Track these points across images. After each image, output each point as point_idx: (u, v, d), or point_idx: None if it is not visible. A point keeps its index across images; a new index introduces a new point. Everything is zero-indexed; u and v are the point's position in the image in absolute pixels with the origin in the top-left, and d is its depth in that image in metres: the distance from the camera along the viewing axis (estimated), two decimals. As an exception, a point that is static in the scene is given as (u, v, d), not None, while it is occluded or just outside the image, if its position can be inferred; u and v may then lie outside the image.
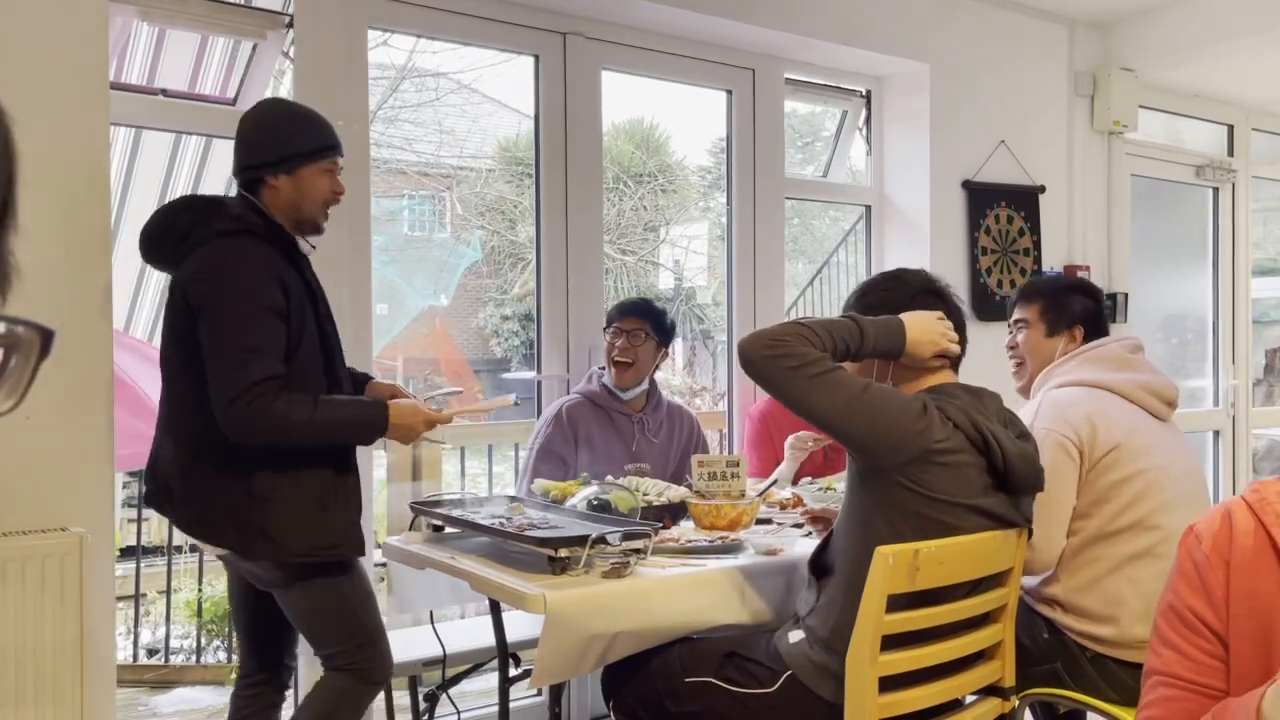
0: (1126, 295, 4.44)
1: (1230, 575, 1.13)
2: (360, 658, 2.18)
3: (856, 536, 1.92)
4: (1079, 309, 2.53)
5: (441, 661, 2.56)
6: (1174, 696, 1.14)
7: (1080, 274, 4.31)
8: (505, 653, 2.29)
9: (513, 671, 2.35)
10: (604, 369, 3.07)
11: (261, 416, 1.99)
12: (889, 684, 1.85)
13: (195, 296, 2.07)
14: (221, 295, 2.05)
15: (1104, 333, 2.55)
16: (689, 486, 2.68)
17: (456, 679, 2.67)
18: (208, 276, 2.07)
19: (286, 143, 2.14)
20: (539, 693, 3.00)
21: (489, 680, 3.06)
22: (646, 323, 3.02)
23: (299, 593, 2.16)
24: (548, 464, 2.92)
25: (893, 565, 1.80)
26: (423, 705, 2.67)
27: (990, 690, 2.06)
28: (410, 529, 2.52)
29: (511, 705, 2.32)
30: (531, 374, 3.43)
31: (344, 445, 2.18)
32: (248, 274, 2.07)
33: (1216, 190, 5.08)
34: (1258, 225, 5.50)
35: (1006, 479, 1.91)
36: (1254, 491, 1.17)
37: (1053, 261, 4.27)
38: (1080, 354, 2.45)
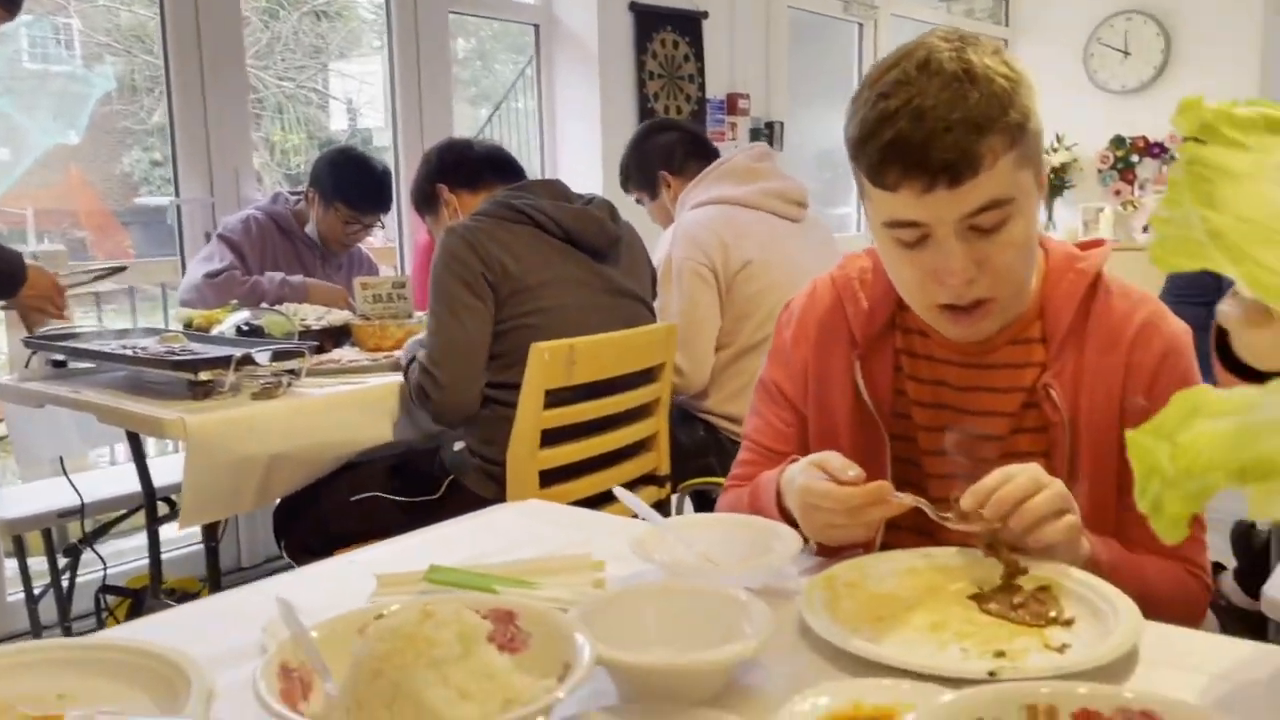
0: (782, 124, 4.68)
1: (809, 351, 1.19)
2: None
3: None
4: (654, 151, 2.63)
5: (79, 511, 2.34)
6: (754, 460, 1.24)
7: (741, 102, 4.49)
8: (151, 492, 2.12)
9: (165, 515, 2.19)
10: (295, 196, 2.86)
11: None
12: (549, 478, 1.90)
13: None
14: None
15: (706, 148, 2.64)
16: (353, 311, 2.57)
17: (102, 530, 2.45)
18: None
19: None
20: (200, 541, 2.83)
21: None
22: (385, 213, 2.90)
23: None
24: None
25: (549, 360, 1.82)
26: (63, 562, 2.44)
27: (648, 479, 2.18)
28: (26, 367, 2.24)
29: (169, 555, 2.17)
30: (168, 199, 3.10)
31: None
32: None
33: (861, 26, 5.42)
34: (896, 63, 5.94)
35: (573, 239, 2.02)
36: (840, 266, 1.22)
37: (715, 89, 4.39)
38: (708, 173, 2.51)
